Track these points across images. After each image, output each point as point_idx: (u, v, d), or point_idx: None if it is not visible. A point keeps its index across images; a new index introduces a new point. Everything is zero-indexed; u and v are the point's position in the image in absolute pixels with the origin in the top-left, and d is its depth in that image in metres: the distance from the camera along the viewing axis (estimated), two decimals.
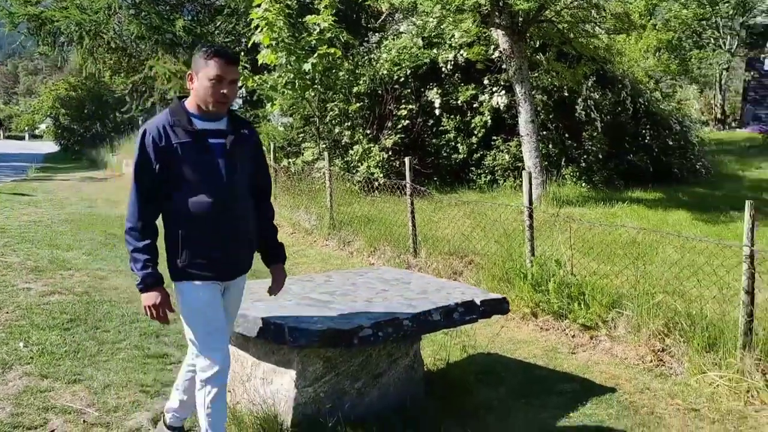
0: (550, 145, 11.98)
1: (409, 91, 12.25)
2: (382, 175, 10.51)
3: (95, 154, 19.62)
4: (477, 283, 5.78)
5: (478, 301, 3.73)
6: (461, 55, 11.91)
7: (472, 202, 8.68)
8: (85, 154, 20.69)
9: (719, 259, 5.34)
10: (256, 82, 10.94)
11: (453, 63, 12.14)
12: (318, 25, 10.67)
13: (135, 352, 4.50)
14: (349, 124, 11.78)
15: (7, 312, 5.15)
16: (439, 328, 3.69)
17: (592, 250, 6.10)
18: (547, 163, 11.33)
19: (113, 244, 7.95)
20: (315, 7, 11.54)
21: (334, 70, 11.11)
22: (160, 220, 2.88)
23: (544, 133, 11.85)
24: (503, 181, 11.58)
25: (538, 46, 12.36)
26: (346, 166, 10.94)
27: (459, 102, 12.12)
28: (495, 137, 12.03)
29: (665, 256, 6.41)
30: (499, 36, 10.53)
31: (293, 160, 11.41)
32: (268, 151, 11.09)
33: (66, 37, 14.48)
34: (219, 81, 2.73)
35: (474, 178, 11.88)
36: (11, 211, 10.25)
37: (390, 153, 11.44)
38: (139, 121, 17.67)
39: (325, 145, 11.19)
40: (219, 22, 14.77)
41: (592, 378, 4.34)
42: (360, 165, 11.03)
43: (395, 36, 13.21)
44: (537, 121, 10.74)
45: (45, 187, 14.42)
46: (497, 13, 10.04)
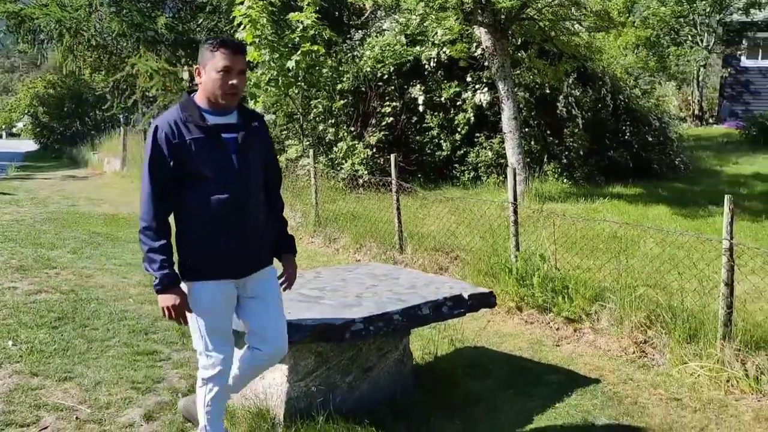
0: (532, 142, 12.10)
1: (392, 88, 12.31)
2: (366, 172, 10.57)
3: (75, 152, 19.44)
4: (463, 278, 5.84)
5: (466, 295, 3.80)
6: (444, 52, 11.98)
7: (457, 198, 8.76)
8: (66, 153, 20.50)
9: (699, 253, 5.47)
10: None
11: (436, 60, 12.21)
12: (301, 22, 10.67)
13: (124, 350, 4.51)
14: (333, 122, 11.81)
15: None
16: (429, 322, 3.76)
17: (575, 245, 6.20)
18: (530, 159, 11.44)
19: (97, 243, 7.93)
20: (298, 5, 11.54)
21: (317, 68, 11.11)
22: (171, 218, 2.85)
23: (527, 130, 11.96)
24: (486, 178, 11.68)
25: (519, 43, 12.47)
26: (330, 164, 10.97)
27: (442, 99, 12.20)
28: (478, 134, 12.12)
29: (646, 250, 6.53)
30: (481, 34, 10.61)
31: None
32: None
33: (46, 35, 14.34)
34: (227, 72, 2.69)
35: (457, 175, 11.97)
36: None
37: (374, 150, 11.49)
38: (120, 119, 17.54)
39: (309, 143, 11.21)
40: (201, 20, 14.69)
41: (577, 369, 4.42)
42: (344, 162, 11.07)
43: (378, 33, 13.25)
44: (519, 118, 10.85)
45: (26, 186, 14.29)
46: (480, 11, 10.12)
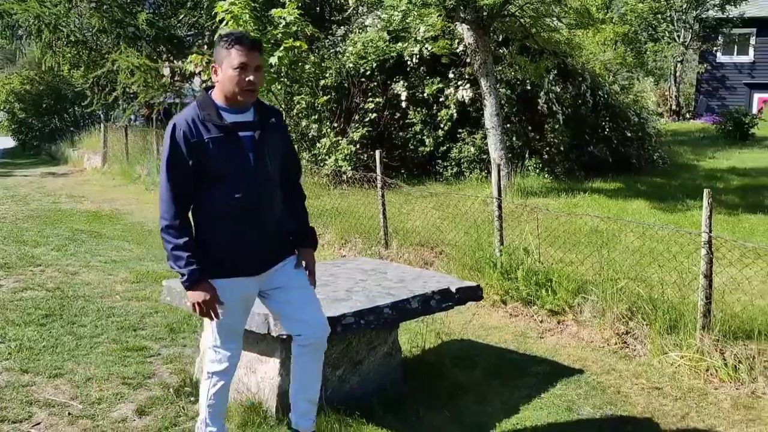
0: (514, 138, 12.21)
1: (375, 84, 12.35)
2: (350, 168, 10.61)
3: (55, 149, 19.25)
4: (448, 273, 5.92)
5: (453, 289, 3.87)
6: (426, 48, 12.05)
7: (441, 193, 8.84)
8: (45, 149, 20.28)
9: (678, 246, 5.60)
10: None
11: (418, 57, 12.27)
12: (284, 18, 10.67)
13: (114, 346, 4.54)
14: (316, 117, 11.83)
15: None
16: (418, 315, 3.83)
17: (558, 239, 6.31)
18: (511, 155, 11.55)
19: (81, 240, 7.91)
20: (280, 1, 11.54)
21: (300, 64, 11.14)
22: None
23: (508, 125, 12.07)
24: (469, 173, 11.78)
25: (501, 40, 12.57)
26: (314, 159, 11.00)
27: (425, 95, 12.26)
28: (460, 130, 12.21)
29: (627, 243, 6.66)
30: (464, 30, 10.69)
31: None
32: None
33: (24, 31, 14.19)
34: (244, 68, 2.67)
35: (440, 171, 12.05)
36: None
37: (358, 146, 11.53)
38: (101, 115, 17.38)
39: (293, 139, 11.22)
40: (182, 15, 14.63)
41: (561, 360, 4.52)
42: (328, 158, 11.10)
43: (361, 29, 13.28)
44: (501, 114, 10.95)
45: (5, 183, 14.14)
46: (462, 8, 10.20)
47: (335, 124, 11.81)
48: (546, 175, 11.78)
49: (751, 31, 26.65)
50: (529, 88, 12.48)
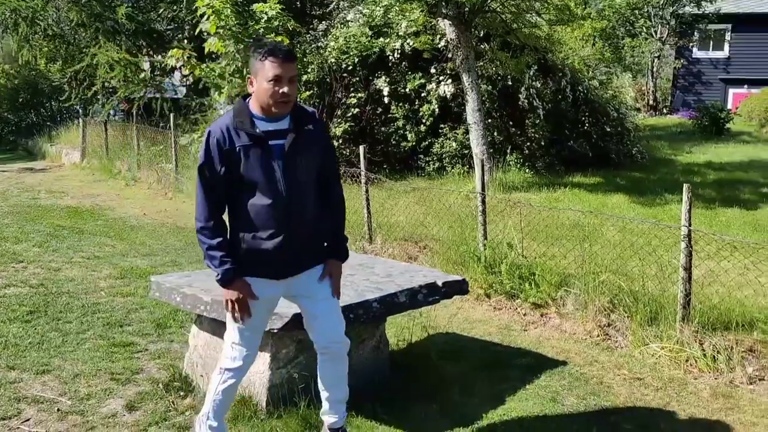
0: (495, 133, 12.31)
1: (357, 79, 12.37)
2: None
3: (32, 144, 18.98)
4: (433, 267, 5.98)
5: (440, 283, 3.93)
6: (408, 44, 12.09)
7: (424, 188, 8.90)
8: (21, 145, 19.98)
9: (658, 240, 5.71)
10: (204, 71, 10.86)
11: (400, 52, 12.31)
12: (265, 13, 10.64)
13: (100, 342, 4.54)
14: None
15: None
16: (405, 309, 3.88)
17: (541, 233, 6.39)
18: (492, 150, 11.64)
19: (63, 236, 7.85)
20: None
21: None
22: None
23: (489, 121, 12.16)
24: (451, 168, 11.85)
25: (482, 35, 12.64)
26: None
27: (407, 90, 12.31)
28: (442, 125, 12.27)
29: (608, 237, 6.77)
30: (445, 26, 10.75)
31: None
32: None
33: (1, 24, 13.98)
34: (278, 80, 2.70)
35: (423, 166, 12.12)
36: None
37: (340, 141, 11.55)
38: (79, 110, 17.18)
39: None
40: (162, 9, 14.51)
41: (545, 352, 4.60)
42: None
43: (342, 24, 13.27)
44: (483, 109, 11.03)
45: None
46: (444, 4, 10.25)
47: None
48: (527, 170, 11.90)
49: (727, 27, 27.02)
50: (510, 83, 12.58)
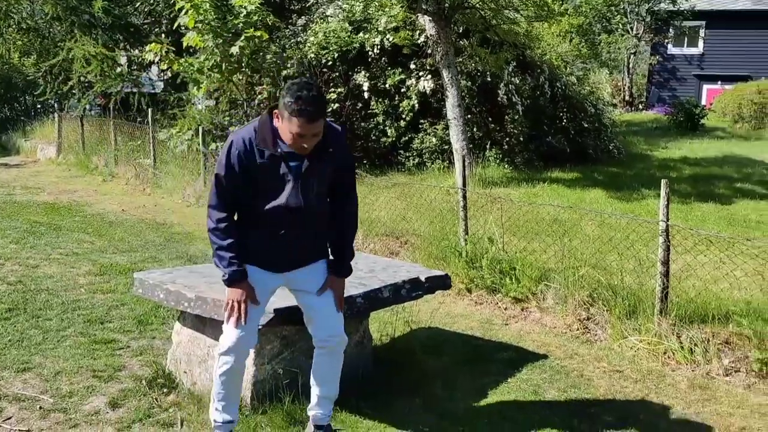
0: (475, 129, 12.37)
1: (337, 74, 12.35)
2: None
3: (5, 139, 18.69)
4: (414, 263, 6.02)
5: (423, 278, 3.96)
6: (388, 39, 12.09)
7: (405, 184, 8.93)
8: None
9: (636, 234, 5.80)
10: (183, 66, 10.78)
11: (380, 47, 12.30)
12: (244, 7, 10.59)
13: (81, 339, 4.50)
14: None
15: None
16: (389, 305, 3.91)
17: (521, 228, 6.46)
18: (472, 145, 11.70)
19: (40, 233, 7.75)
20: None
21: (261, 53, 11.06)
22: None
23: (469, 116, 12.21)
24: (431, 164, 11.89)
25: (461, 31, 12.68)
26: None
27: (387, 86, 12.31)
28: (422, 121, 12.30)
29: (588, 232, 6.85)
30: (425, 22, 10.77)
31: (220, 144, 11.32)
32: (196, 135, 10.97)
33: None
34: (301, 136, 2.78)
35: (403, 161, 12.14)
36: None
37: None
38: (54, 105, 16.93)
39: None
40: (138, 3, 14.35)
41: (526, 346, 4.66)
42: None
43: (322, 19, 13.24)
44: (463, 105, 11.08)
45: None
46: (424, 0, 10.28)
47: None
48: (506, 165, 11.97)
49: (701, 23, 27.39)
50: (489, 79, 12.64)
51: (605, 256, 5.68)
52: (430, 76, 12.19)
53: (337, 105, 12.04)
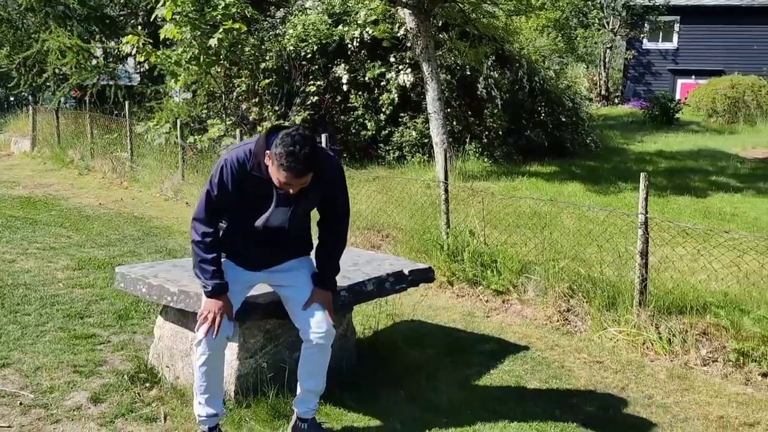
0: (454, 122, 12.41)
1: (317, 67, 12.31)
2: None
3: None
4: (396, 256, 6.03)
5: (406, 271, 3.97)
6: (367, 32, 12.07)
7: (386, 177, 8.94)
8: None
9: (614, 227, 5.87)
10: (160, 58, 10.67)
11: (359, 40, 12.28)
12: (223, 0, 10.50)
13: (61, 334, 4.45)
14: (256, 101, 11.71)
15: None
16: (373, 298, 3.91)
17: (502, 221, 6.50)
18: (452, 139, 11.74)
19: (16, 227, 7.63)
20: None
21: (239, 46, 10.99)
22: None
23: (449, 110, 12.25)
24: (411, 157, 11.91)
25: (441, 25, 12.70)
26: None
27: (366, 79, 12.30)
28: (402, 114, 12.31)
29: (567, 224, 6.92)
30: (405, 15, 10.76)
31: (198, 137, 11.23)
32: (173, 128, 10.87)
33: None
34: (287, 184, 2.83)
35: (383, 154, 12.15)
36: None
37: None
38: (29, 97, 16.65)
39: (232, 122, 11.09)
40: None
41: (507, 338, 4.70)
42: None
43: (301, 12, 13.17)
44: (443, 98, 11.10)
45: None
46: None
47: (276, 108, 11.72)
48: (485, 159, 12.04)
49: (676, 18, 27.69)
50: (468, 73, 12.69)
51: (585, 248, 5.75)
52: (409, 70, 12.19)
53: (316, 98, 12.00)
